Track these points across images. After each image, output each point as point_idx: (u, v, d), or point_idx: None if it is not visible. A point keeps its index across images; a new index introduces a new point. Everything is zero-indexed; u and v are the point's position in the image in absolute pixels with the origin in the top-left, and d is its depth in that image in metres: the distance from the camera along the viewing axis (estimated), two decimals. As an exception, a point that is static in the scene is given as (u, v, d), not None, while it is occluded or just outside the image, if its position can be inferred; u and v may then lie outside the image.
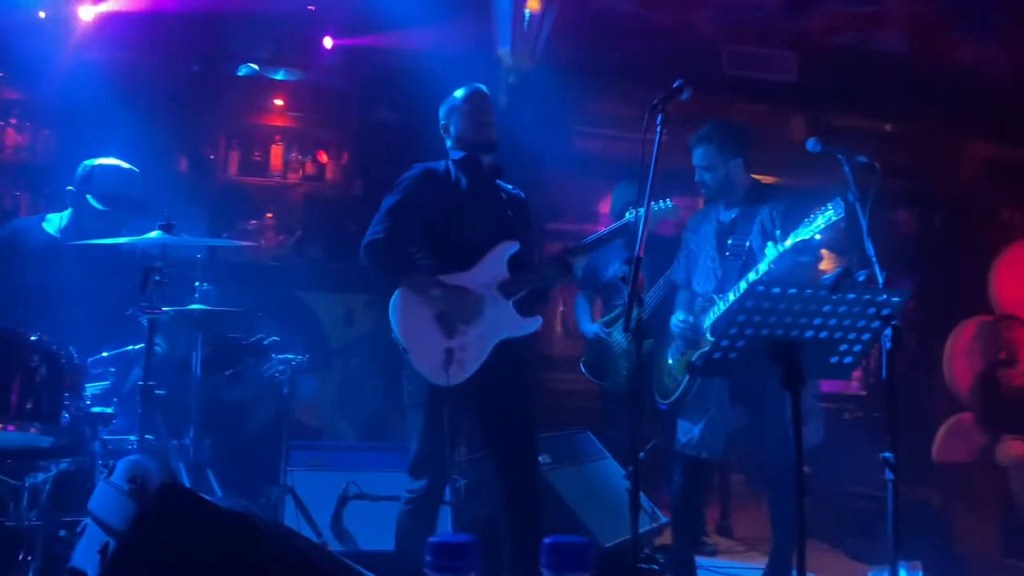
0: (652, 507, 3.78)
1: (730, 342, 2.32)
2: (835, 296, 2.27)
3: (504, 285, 2.88)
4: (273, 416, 3.31)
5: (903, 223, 6.53)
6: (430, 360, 2.77)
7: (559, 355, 5.93)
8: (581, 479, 3.56)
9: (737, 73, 6.04)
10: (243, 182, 5.61)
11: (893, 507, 2.52)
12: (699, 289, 3.45)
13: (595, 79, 5.80)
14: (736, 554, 4.21)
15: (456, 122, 3.03)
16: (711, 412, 3.28)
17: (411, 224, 2.89)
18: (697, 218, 3.63)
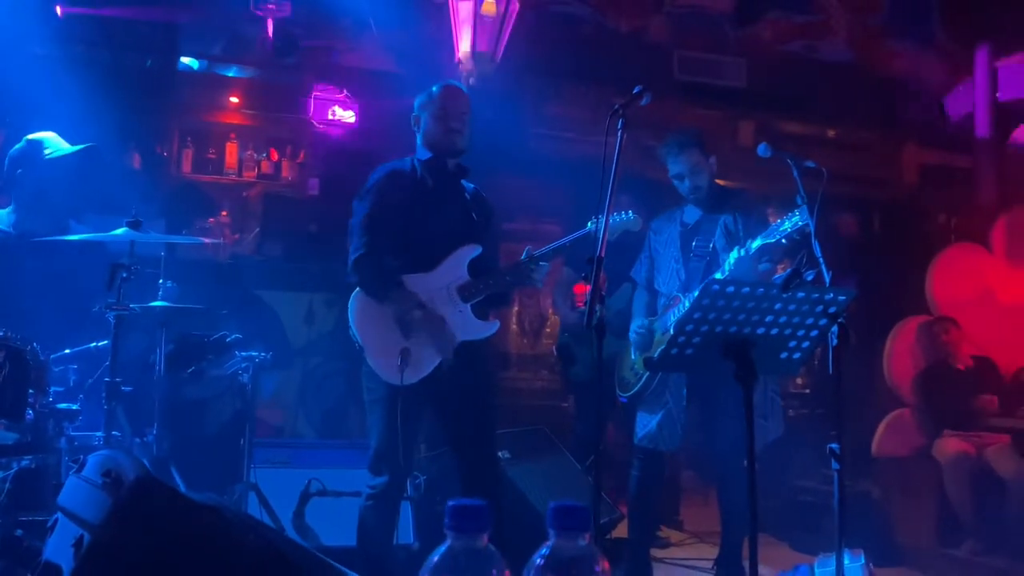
0: (608, 500, 3.88)
1: (687, 338, 2.42)
2: (785, 295, 2.38)
3: (464, 288, 2.89)
4: (235, 413, 3.31)
5: (845, 226, 6.75)
6: (386, 359, 2.78)
7: (516, 354, 6.01)
8: (540, 474, 3.63)
9: (688, 78, 6.20)
10: (197, 180, 5.56)
11: (839, 495, 2.63)
12: (662, 289, 3.56)
13: (551, 82, 5.90)
14: (688, 546, 4.33)
15: (426, 120, 2.99)
16: (668, 405, 3.39)
17: (385, 230, 2.88)
18: (661, 220, 3.73)
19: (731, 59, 6.30)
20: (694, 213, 3.57)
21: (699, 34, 6.38)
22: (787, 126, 6.38)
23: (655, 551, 3.98)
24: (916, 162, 6.63)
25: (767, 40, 6.53)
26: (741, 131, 6.27)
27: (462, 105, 3.00)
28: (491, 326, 2.94)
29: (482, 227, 3.02)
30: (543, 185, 6.16)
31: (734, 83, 6.27)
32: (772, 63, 6.44)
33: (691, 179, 3.49)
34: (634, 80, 6.60)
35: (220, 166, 5.61)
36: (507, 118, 5.54)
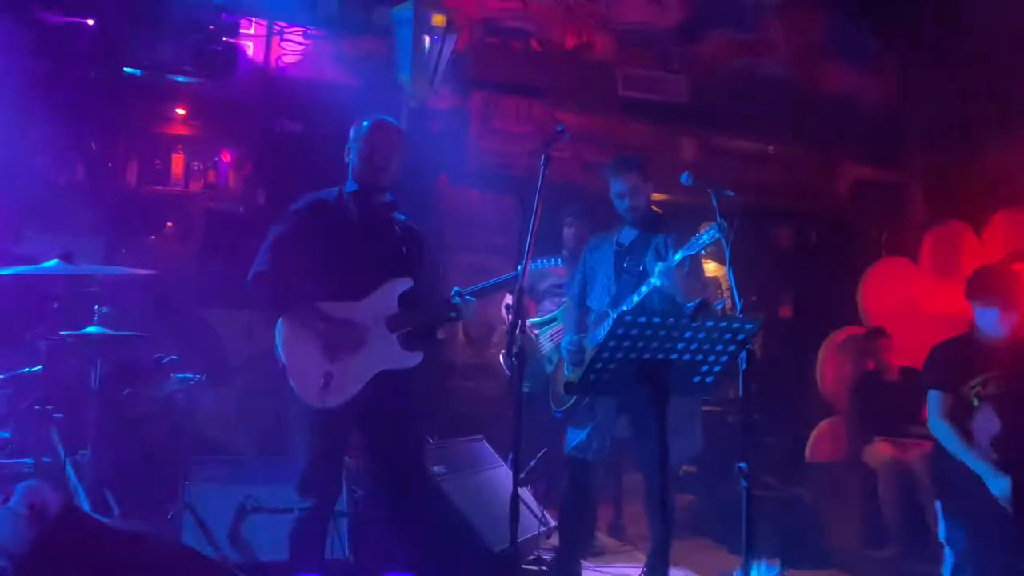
0: (543, 511, 4.00)
1: (604, 364, 2.55)
2: (695, 324, 2.53)
3: (392, 320, 2.95)
4: (171, 433, 3.35)
5: (782, 238, 6.97)
6: (307, 382, 2.82)
7: (461, 362, 6.09)
8: (474, 486, 3.73)
9: (632, 94, 6.34)
10: (143, 191, 5.55)
11: (746, 512, 2.77)
12: (594, 305, 3.72)
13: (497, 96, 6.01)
14: (622, 554, 4.46)
15: (354, 154, 3.04)
16: (598, 418, 3.55)
17: (297, 255, 2.92)
18: (597, 239, 3.89)
19: (674, 76, 6.46)
20: (629, 234, 3.73)
21: (643, 51, 6.53)
22: (727, 142, 6.55)
23: (589, 560, 4.12)
24: (850, 178, 6.86)
25: (709, 58, 6.70)
26: (682, 147, 6.43)
27: (391, 142, 3.04)
28: (414, 357, 2.99)
29: (413, 261, 3.06)
30: (491, 198, 6.27)
31: (676, 99, 6.41)
32: (714, 80, 6.61)
33: (630, 199, 3.65)
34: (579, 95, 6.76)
35: (166, 177, 5.61)
36: (453, 132, 5.65)
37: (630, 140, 6.26)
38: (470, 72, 5.84)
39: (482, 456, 4.09)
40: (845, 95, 7.04)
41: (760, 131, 6.59)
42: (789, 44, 6.93)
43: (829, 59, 7.07)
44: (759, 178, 6.61)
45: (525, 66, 6.13)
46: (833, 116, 6.81)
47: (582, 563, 3.85)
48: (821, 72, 7.05)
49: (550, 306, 4.56)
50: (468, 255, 5.90)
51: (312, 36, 5.37)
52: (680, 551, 4.69)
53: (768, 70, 6.84)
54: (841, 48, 7.09)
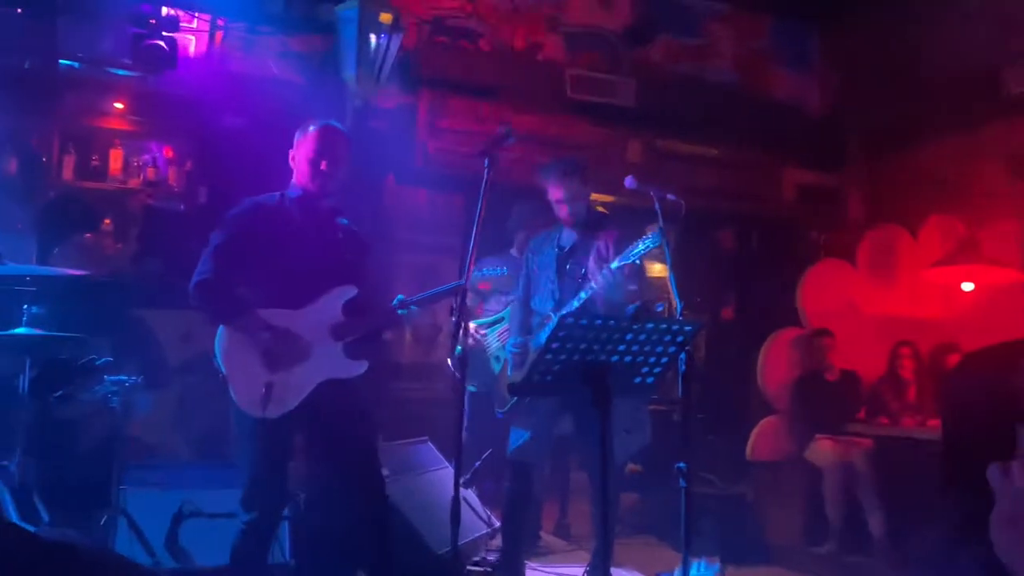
0: (487, 513, 4.00)
1: (547, 366, 2.56)
2: (635, 326, 2.55)
3: (336, 328, 2.92)
4: (105, 437, 3.26)
5: (726, 241, 7.08)
6: (249, 392, 2.77)
7: (409, 363, 6.06)
8: (418, 489, 3.71)
9: (580, 96, 6.38)
10: (79, 186, 5.39)
11: (685, 511, 2.81)
12: (538, 308, 3.73)
13: (446, 95, 5.99)
14: (567, 554, 4.49)
15: (299, 157, 2.99)
16: (540, 420, 3.56)
17: (239, 263, 2.87)
18: (540, 241, 3.89)
19: (622, 79, 6.52)
20: (570, 236, 3.74)
21: (592, 53, 6.58)
22: (674, 145, 6.63)
23: (533, 560, 4.13)
24: (793, 181, 7.01)
25: (657, 61, 6.78)
26: (630, 149, 6.49)
27: (337, 147, 2.99)
28: (359, 366, 2.96)
29: (357, 267, 3.03)
30: (439, 198, 6.24)
31: (624, 102, 6.47)
32: (661, 84, 6.69)
33: (570, 205, 3.65)
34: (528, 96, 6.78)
35: (103, 173, 5.45)
36: (400, 131, 5.61)
37: (579, 142, 6.29)
38: (418, 71, 5.81)
39: (427, 458, 4.07)
40: (789, 101, 7.20)
41: (706, 135, 6.69)
42: (735, 50, 7.06)
43: (774, 65, 7.22)
44: (704, 181, 6.71)
45: (474, 66, 6.12)
46: (777, 121, 6.96)
47: (527, 563, 3.86)
48: (766, 78, 7.19)
49: (496, 306, 4.57)
50: (416, 256, 5.87)
51: (257, 32, 5.28)
52: (625, 549, 4.75)
53: (714, 75, 6.96)
54: (785, 55, 7.24)
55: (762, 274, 6.77)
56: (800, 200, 7.02)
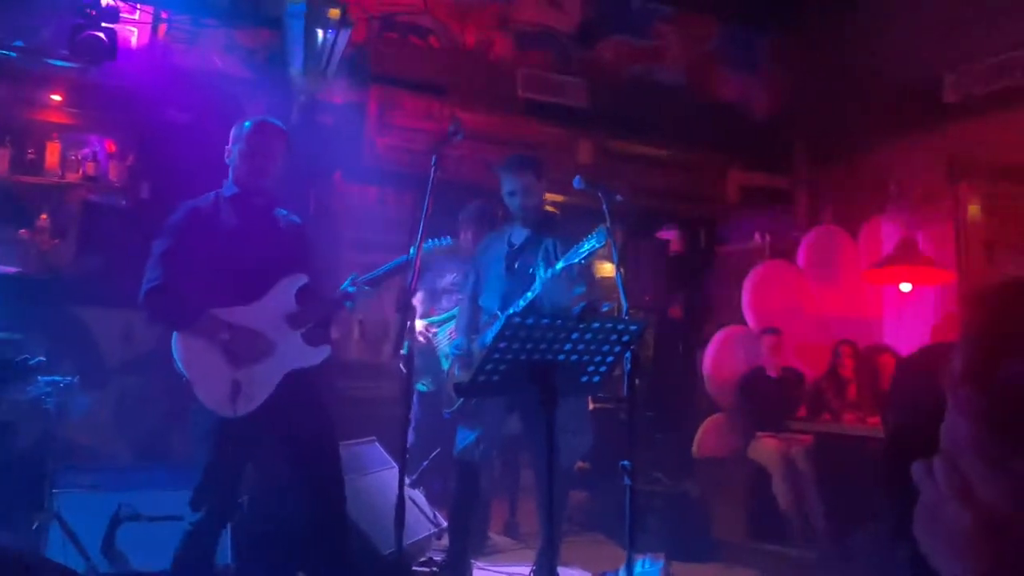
0: (434, 513, 3.98)
1: (493, 366, 2.56)
2: (581, 325, 2.57)
3: (292, 317, 2.93)
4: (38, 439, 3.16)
5: (674, 241, 7.17)
6: (215, 392, 2.76)
7: (357, 361, 6.00)
8: (364, 489, 3.68)
9: (531, 96, 6.39)
10: (14, 181, 5.21)
11: (630, 508, 2.83)
12: (485, 305, 3.71)
13: (396, 91, 5.94)
14: (514, 553, 4.49)
15: (235, 155, 2.98)
16: (487, 420, 3.55)
17: (185, 267, 2.85)
18: (490, 238, 3.89)
19: (573, 79, 6.54)
20: (521, 234, 3.74)
21: (543, 53, 6.60)
22: (624, 145, 6.68)
23: (481, 560, 4.13)
24: (739, 183, 7.12)
25: (607, 62, 6.83)
26: (580, 149, 6.52)
27: (273, 144, 3.00)
28: (322, 351, 2.97)
29: (302, 256, 3.04)
30: (389, 196, 6.20)
31: (575, 102, 6.51)
32: (612, 84, 6.73)
33: (522, 199, 3.65)
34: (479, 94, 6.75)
35: (40, 167, 5.28)
36: (349, 127, 5.55)
37: (529, 141, 6.30)
38: (367, 67, 5.76)
39: (373, 458, 4.04)
40: (736, 104, 7.31)
41: (655, 136, 6.75)
42: (684, 52, 7.14)
43: (722, 68, 7.33)
44: (654, 182, 6.78)
45: (424, 63, 6.09)
46: (724, 124, 7.06)
47: (474, 563, 3.85)
48: (714, 81, 7.29)
49: (448, 304, 4.55)
50: (364, 254, 5.80)
51: (201, 25, 5.17)
52: (573, 547, 4.77)
53: (663, 77, 7.03)
54: (733, 58, 7.35)
55: (709, 274, 6.87)
56: (745, 201, 7.13)
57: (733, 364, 5.89)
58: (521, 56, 6.50)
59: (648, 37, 7.03)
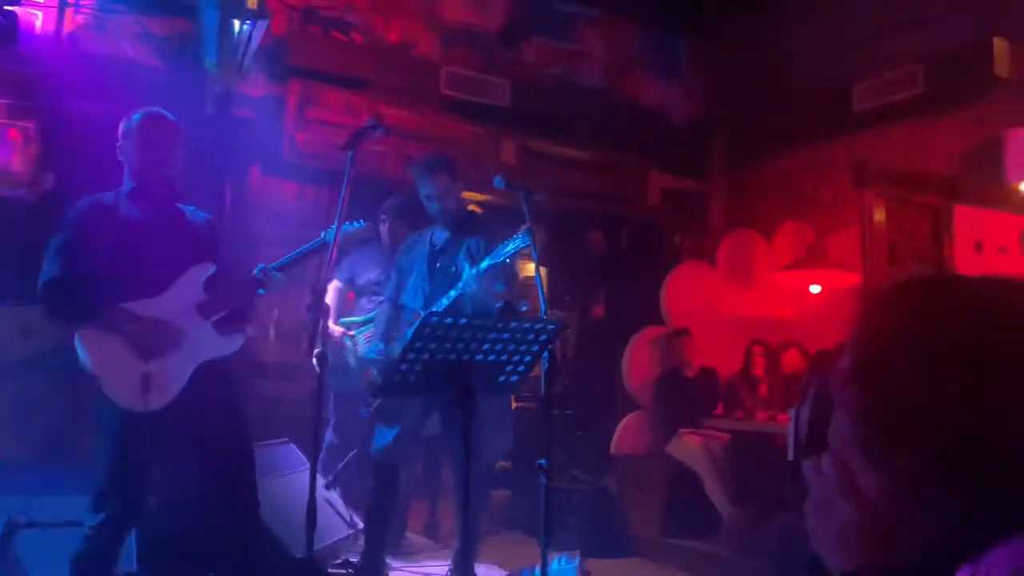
0: (351, 514, 3.93)
1: (409, 366, 2.55)
2: (500, 325, 2.58)
3: (203, 306, 2.87)
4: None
5: (595, 242, 7.26)
6: (125, 386, 2.69)
7: (272, 361, 5.87)
8: (279, 491, 3.60)
9: (455, 94, 6.37)
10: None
11: (545, 506, 2.85)
12: (408, 304, 3.70)
13: (317, 86, 5.84)
14: (432, 553, 4.47)
15: (128, 151, 2.91)
16: (406, 419, 3.54)
17: (84, 261, 2.77)
18: (412, 239, 3.88)
19: (496, 79, 6.55)
20: (442, 234, 3.74)
21: (467, 52, 6.59)
22: (546, 146, 6.73)
23: (398, 560, 4.10)
24: (658, 185, 7.26)
25: (531, 63, 6.86)
26: (504, 149, 6.53)
27: (167, 135, 2.94)
28: (234, 341, 2.94)
29: (209, 246, 2.99)
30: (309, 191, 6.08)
31: (499, 102, 6.51)
32: (534, 85, 6.77)
33: (439, 202, 3.65)
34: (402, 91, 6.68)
35: (-66, 155, 5.00)
36: (267, 120, 5.43)
37: (453, 139, 6.28)
38: (287, 59, 5.64)
39: (288, 459, 3.97)
40: (656, 108, 7.45)
41: (577, 138, 6.82)
42: (606, 55, 7.23)
43: (642, 72, 7.45)
44: (576, 183, 6.85)
45: (346, 58, 6.00)
46: (644, 127, 7.19)
47: (390, 563, 3.83)
48: (634, 84, 7.41)
49: (368, 304, 4.49)
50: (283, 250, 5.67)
51: (112, 11, 4.97)
52: (493, 545, 4.78)
53: (585, 79, 7.11)
54: (654, 63, 7.49)
55: (629, 274, 6.98)
56: (665, 204, 7.28)
57: (651, 364, 6.00)
58: (445, 54, 6.47)
59: (571, 40, 7.10)
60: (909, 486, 0.79)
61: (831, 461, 0.86)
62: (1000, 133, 5.31)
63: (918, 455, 0.78)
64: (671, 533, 5.29)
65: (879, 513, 0.82)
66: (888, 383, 0.80)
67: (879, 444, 0.80)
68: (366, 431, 4.04)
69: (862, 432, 0.82)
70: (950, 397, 0.76)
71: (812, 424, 0.97)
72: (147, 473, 2.83)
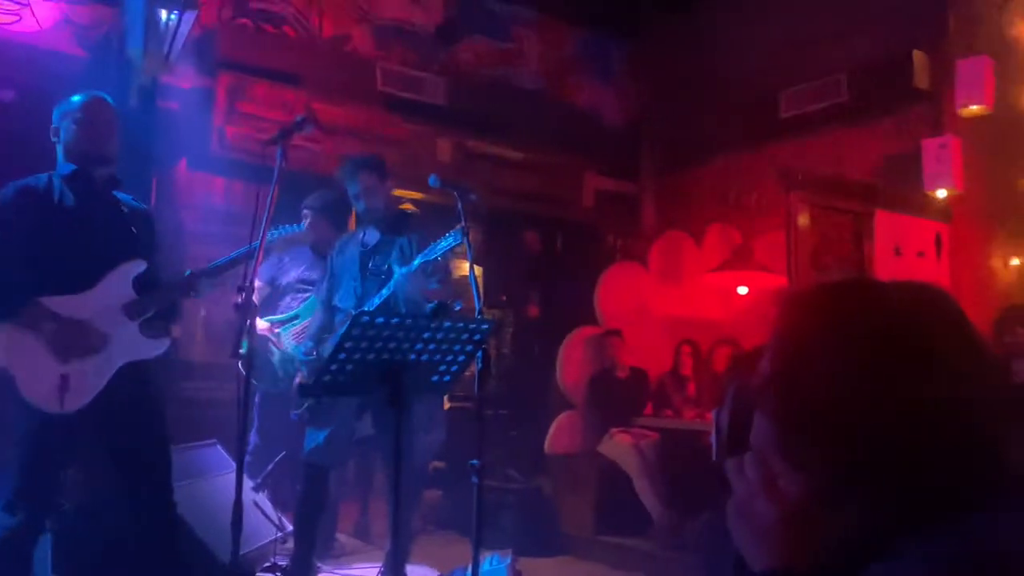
0: (280, 516, 3.86)
1: (340, 366, 2.51)
2: (433, 324, 2.56)
3: (129, 306, 2.77)
4: None
5: (531, 242, 7.30)
6: (41, 387, 2.59)
7: (200, 362, 5.72)
8: (204, 494, 3.51)
9: (391, 91, 6.31)
10: None
11: (477, 507, 2.85)
12: (341, 305, 3.65)
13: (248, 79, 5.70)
14: (363, 554, 4.42)
15: (68, 129, 2.81)
16: (337, 420, 3.49)
17: (8, 251, 2.65)
18: (344, 240, 3.84)
19: (433, 77, 6.52)
20: (374, 234, 3.71)
21: (403, 49, 6.53)
22: (482, 146, 6.72)
23: (328, 563, 4.04)
24: (593, 187, 7.34)
25: (467, 62, 6.85)
26: (440, 147, 6.50)
27: (106, 117, 2.86)
28: (160, 344, 2.84)
29: (144, 242, 2.89)
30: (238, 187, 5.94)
31: (435, 100, 6.48)
32: (471, 85, 6.76)
33: (367, 201, 3.62)
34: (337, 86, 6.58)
35: None
36: (195, 114, 5.28)
37: (389, 137, 6.22)
38: (217, 52, 5.50)
39: (214, 461, 3.87)
40: (591, 110, 7.52)
41: (513, 138, 6.84)
42: (542, 57, 7.27)
43: (578, 75, 7.52)
44: (512, 183, 6.86)
45: (278, 51, 5.89)
46: (580, 129, 7.25)
47: (320, 566, 3.78)
48: (570, 86, 7.47)
49: (292, 303, 4.42)
50: (211, 248, 5.51)
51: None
52: (426, 546, 4.76)
53: (522, 80, 7.13)
54: (590, 65, 7.56)
55: (564, 274, 7.03)
56: (599, 205, 7.35)
57: (584, 364, 6.05)
58: (381, 51, 6.41)
59: (508, 40, 7.11)
60: (825, 486, 0.81)
61: (752, 461, 0.88)
62: (918, 142, 5.52)
63: (833, 456, 0.80)
64: (602, 531, 5.35)
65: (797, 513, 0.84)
66: (805, 386, 0.82)
67: (797, 445, 0.83)
68: (291, 433, 3.98)
69: (781, 433, 0.84)
70: (863, 399, 0.79)
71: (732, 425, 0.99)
72: (61, 474, 2.76)
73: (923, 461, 0.78)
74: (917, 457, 0.78)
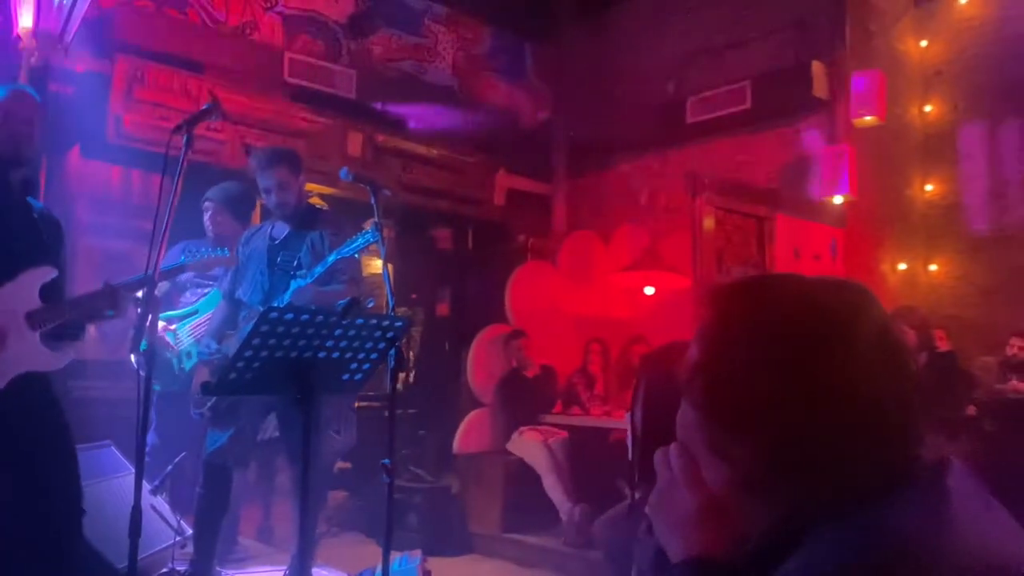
0: (179, 520, 3.70)
1: (246, 364, 2.41)
2: (345, 321, 2.50)
3: (33, 315, 2.60)
4: None
5: (442, 240, 7.26)
6: None
7: (92, 360, 5.43)
8: (98, 498, 3.33)
9: (299, 82, 6.16)
10: None
11: (388, 507, 2.81)
12: (246, 299, 3.53)
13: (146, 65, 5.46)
14: (267, 558, 4.29)
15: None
16: (241, 421, 3.37)
17: None
18: (251, 232, 3.71)
19: (342, 69, 6.40)
20: (283, 229, 3.60)
21: (312, 39, 6.39)
22: (394, 141, 6.64)
23: (230, 567, 3.91)
24: (504, 186, 7.36)
25: (378, 56, 6.76)
26: (350, 141, 6.38)
27: (30, 111, 2.69)
28: (61, 358, 2.67)
29: (54, 249, 2.73)
30: (136, 176, 5.67)
31: (344, 93, 6.36)
32: (381, 78, 6.67)
33: (277, 195, 3.51)
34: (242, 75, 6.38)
35: None
36: (90, 98, 5.02)
37: (297, 128, 6.07)
38: (115, 34, 5.24)
39: (109, 463, 3.68)
40: (504, 110, 7.54)
41: (425, 134, 6.78)
42: (455, 54, 7.24)
43: (491, 74, 7.52)
44: (424, 180, 6.81)
45: (180, 37, 5.65)
46: (492, 128, 7.26)
47: (221, 572, 3.64)
48: (483, 85, 7.47)
49: (192, 297, 4.25)
50: (106, 240, 5.27)
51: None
52: (332, 547, 4.67)
53: (434, 76, 7.08)
54: (502, 65, 7.58)
55: (475, 273, 7.03)
56: (511, 204, 7.38)
57: (494, 363, 6.06)
58: (289, 40, 6.25)
59: (419, 35, 7.05)
60: (747, 476, 0.83)
61: (677, 452, 0.89)
62: (815, 150, 5.78)
63: (755, 446, 0.82)
64: (510, 529, 5.37)
65: (718, 503, 0.86)
66: (730, 376, 0.83)
67: (721, 434, 0.84)
68: (191, 432, 3.83)
69: (706, 422, 0.85)
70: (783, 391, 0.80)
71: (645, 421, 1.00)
72: None
73: (839, 452, 0.80)
74: (834, 448, 0.80)
